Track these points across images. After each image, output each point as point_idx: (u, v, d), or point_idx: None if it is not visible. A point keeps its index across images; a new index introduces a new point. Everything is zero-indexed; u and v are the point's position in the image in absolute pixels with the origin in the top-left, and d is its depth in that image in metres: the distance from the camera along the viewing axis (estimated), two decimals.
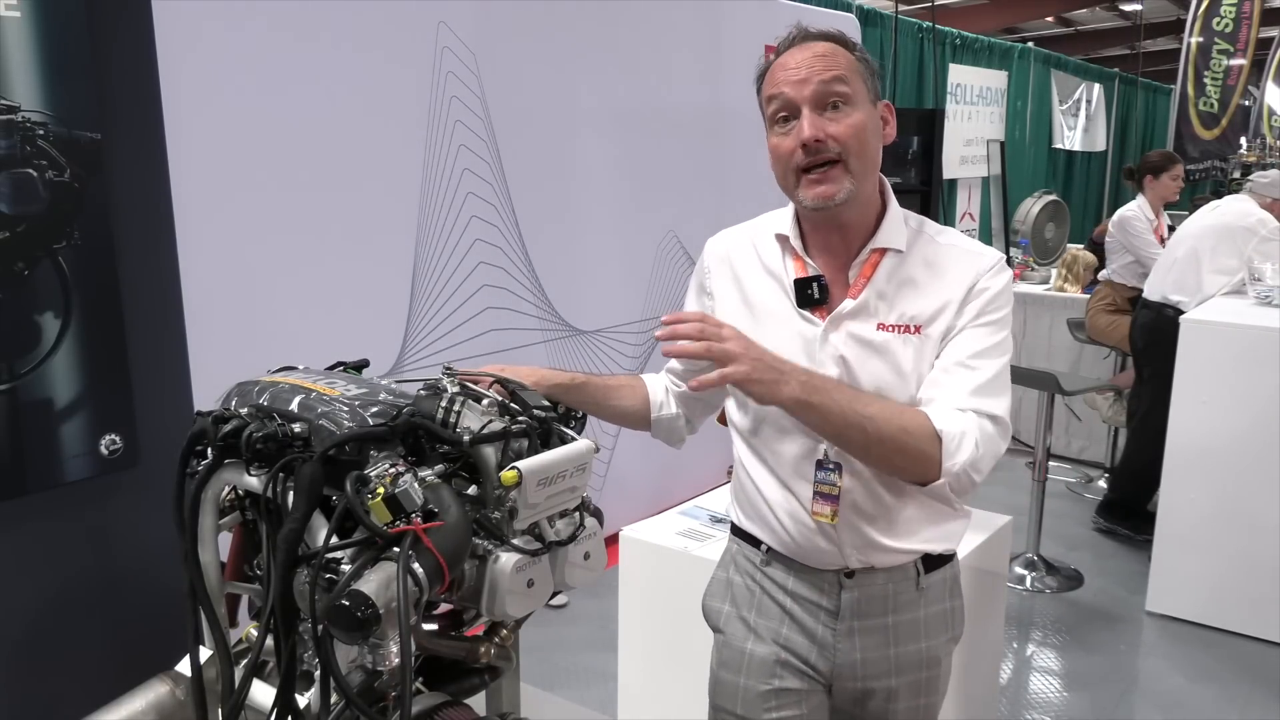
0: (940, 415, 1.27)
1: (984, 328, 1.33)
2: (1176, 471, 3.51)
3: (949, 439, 1.25)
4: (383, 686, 0.97)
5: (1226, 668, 3.24)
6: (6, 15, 1.62)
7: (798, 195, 1.33)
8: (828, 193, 1.29)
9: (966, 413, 1.28)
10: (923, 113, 5.50)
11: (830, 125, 1.28)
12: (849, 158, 1.29)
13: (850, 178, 1.30)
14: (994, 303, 1.33)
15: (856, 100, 1.30)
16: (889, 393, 1.33)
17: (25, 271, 1.68)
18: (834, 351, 1.35)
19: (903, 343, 1.33)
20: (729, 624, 1.53)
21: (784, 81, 1.30)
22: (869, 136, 1.31)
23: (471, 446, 1.03)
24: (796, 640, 1.45)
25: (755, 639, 1.48)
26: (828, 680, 1.46)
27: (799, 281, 1.38)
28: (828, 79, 1.28)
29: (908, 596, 1.44)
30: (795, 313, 1.38)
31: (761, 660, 1.46)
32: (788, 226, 1.41)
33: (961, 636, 1.52)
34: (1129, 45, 13.95)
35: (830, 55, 1.30)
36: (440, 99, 3.04)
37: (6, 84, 1.63)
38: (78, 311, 1.76)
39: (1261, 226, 3.98)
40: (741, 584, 1.52)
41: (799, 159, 1.30)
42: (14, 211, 1.65)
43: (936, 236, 1.39)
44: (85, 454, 1.78)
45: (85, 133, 1.73)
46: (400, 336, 3.01)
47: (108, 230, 1.79)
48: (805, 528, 1.40)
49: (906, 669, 1.45)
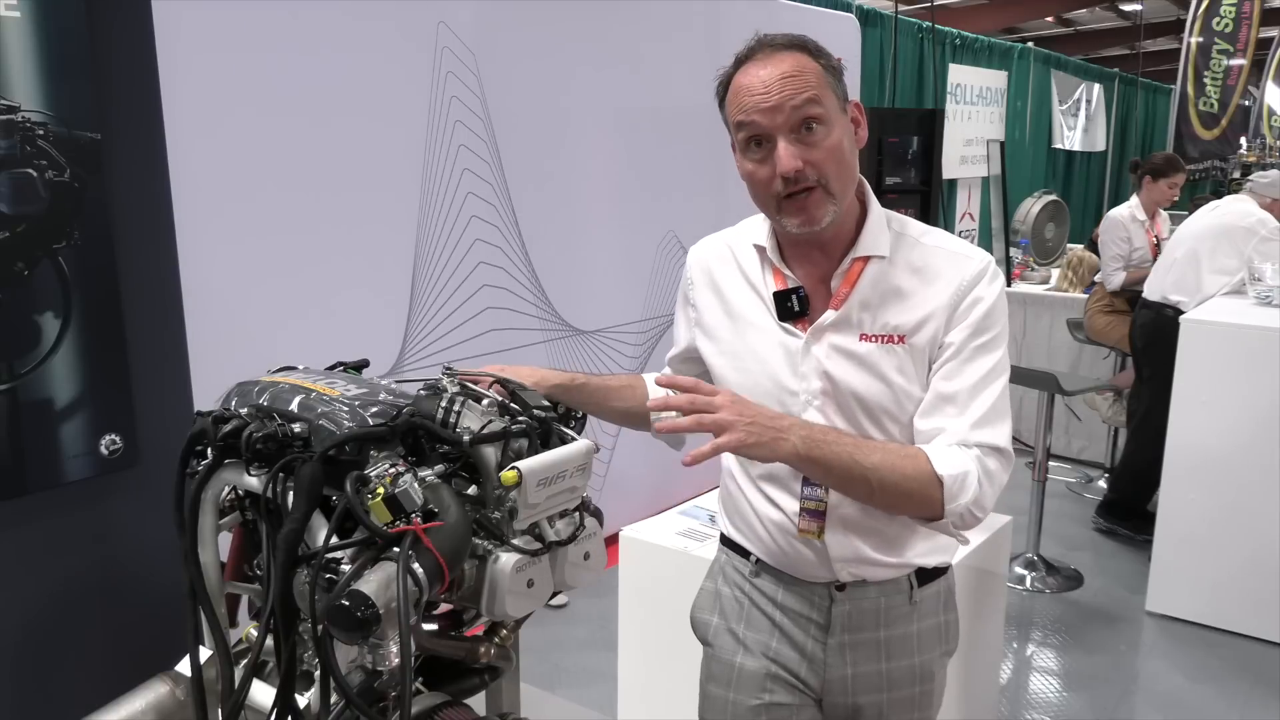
0: (940, 457, 1.24)
1: (980, 350, 1.28)
2: (1176, 471, 3.51)
3: (951, 481, 1.22)
4: (383, 686, 0.97)
5: (1226, 668, 3.24)
6: (6, 15, 1.62)
7: (780, 221, 1.29)
8: (812, 218, 1.25)
9: (969, 449, 1.25)
10: (923, 113, 5.50)
11: (808, 152, 1.23)
12: (829, 181, 1.25)
13: (832, 200, 1.26)
14: (988, 319, 1.29)
15: (830, 118, 1.25)
16: (874, 403, 1.30)
17: (25, 271, 1.68)
18: (816, 365, 1.32)
19: (887, 353, 1.30)
20: (717, 637, 1.50)
21: (753, 108, 1.24)
22: (846, 153, 1.27)
23: (471, 446, 1.03)
24: (786, 654, 1.43)
25: (744, 652, 1.45)
26: (818, 695, 1.43)
27: (778, 294, 1.34)
28: (800, 103, 1.22)
29: (900, 610, 1.41)
30: (777, 325, 1.35)
31: (751, 674, 1.44)
32: (764, 238, 1.37)
33: (956, 650, 1.50)
34: (1129, 45, 13.97)
35: (799, 74, 1.23)
36: (440, 99, 3.04)
37: (6, 84, 1.63)
38: (78, 311, 1.76)
39: (1261, 226, 3.98)
40: (730, 595, 1.50)
41: (778, 188, 1.25)
42: (14, 211, 1.65)
43: (921, 238, 1.34)
44: (85, 454, 1.78)
45: (85, 133, 1.73)
46: (400, 336, 3.01)
47: (108, 230, 1.79)
48: (794, 540, 1.38)
49: (899, 684, 1.42)
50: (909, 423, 1.32)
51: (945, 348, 1.29)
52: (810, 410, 1.33)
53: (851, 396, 1.31)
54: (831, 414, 1.33)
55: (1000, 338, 1.30)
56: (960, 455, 1.25)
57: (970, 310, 1.28)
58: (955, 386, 1.28)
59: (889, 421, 1.32)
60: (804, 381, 1.32)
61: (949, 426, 1.27)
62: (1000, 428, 1.27)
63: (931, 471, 1.23)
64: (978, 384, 1.27)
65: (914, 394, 1.31)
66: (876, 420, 1.32)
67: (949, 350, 1.29)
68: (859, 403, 1.31)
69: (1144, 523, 4.04)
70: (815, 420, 1.32)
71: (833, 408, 1.33)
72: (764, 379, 1.36)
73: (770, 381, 1.35)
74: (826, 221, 1.26)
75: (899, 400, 1.30)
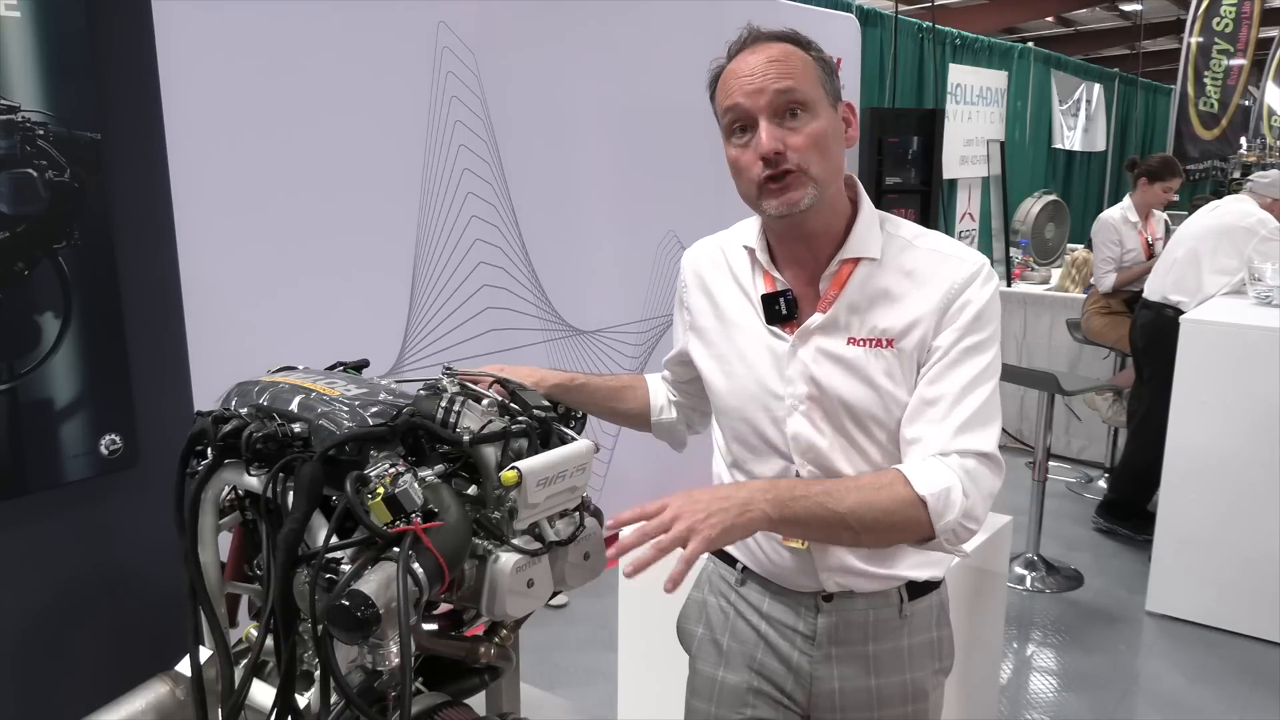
0: (919, 476, 1.19)
1: (968, 352, 1.24)
2: (1177, 472, 3.51)
3: (934, 500, 1.18)
4: (383, 686, 0.97)
5: (1226, 668, 3.24)
6: (6, 15, 1.62)
7: (761, 206, 1.27)
8: (792, 199, 1.23)
9: (949, 457, 1.21)
10: (923, 113, 5.49)
11: (789, 136, 1.22)
12: (809, 167, 1.23)
13: (813, 183, 1.24)
14: (979, 320, 1.25)
15: (815, 106, 1.24)
16: (862, 409, 1.28)
17: (25, 271, 1.68)
18: (802, 368, 1.30)
19: (874, 357, 1.27)
20: (701, 648, 1.48)
21: (738, 91, 1.24)
22: (830, 143, 1.25)
23: (471, 446, 1.03)
24: (771, 665, 1.40)
25: (727, 666, 1.43)
26: (805, 710, 1.41)
27: (766, 297, 1.33)
28: (783, 87, 1.22)
29: (890, 624, 1.38)
30: (765, 329, 1.33)
31: (733, 689, 1.42)
32: (754, 239, 1.36)
33: (952, 669, 1.46)
34: (1129, 45, 13.96)
35: (784, 60, 1.23)
36: (440, 99, 3.04)
37: (6, 84, 1.63)
38: (78, 311, 1.76)
39: (1261, 226, 3.98)
40: (715, 605, 1.48)
41: (759, 171, 1.23)
42: (14, 211, 1.65)
43: (915, 241, 1.31)
44: (85, 454, 1.78)
45: (85, 133, 1.73)
46: (400, 336, 3.01)
47: (108, 230, 1.79)
48: (779, 548, 1.36)
49: (890, 702, 1.38)
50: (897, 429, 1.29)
51: (934, 351, 1.26)
52: (796, 415, 1.31)
53: (839, 403, 1.29)
54: (818, 419, 1.31)
55: (991, 341, 1.26)
56: (939, 469, 1.20)
57: (960, 313, 1.25)
58: (939, 390, 1.24)
59: (877, 428, 1.29)
60: (790, 386, 1.31)
61: (928, 435, 1.23)
62: (986, 432, 1.23)
63: (911, 495, 1.18)
64: (965, 388, 1.24)
65: (901, 399, 1.28)
66: (864, 427, 1.30)
67: (937, 353, 1.26)
68: (846, 409, 1.29)
69: (1144, 523, 4.05)
70: (802, 427, 1.30)
71: (819, 413, 1.30)
72: (750, 383, 1.34)
73: (756, 385, 1.34)
74: (806, 204, 1.23)
75: (886, 406, 1.27)
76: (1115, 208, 4.80)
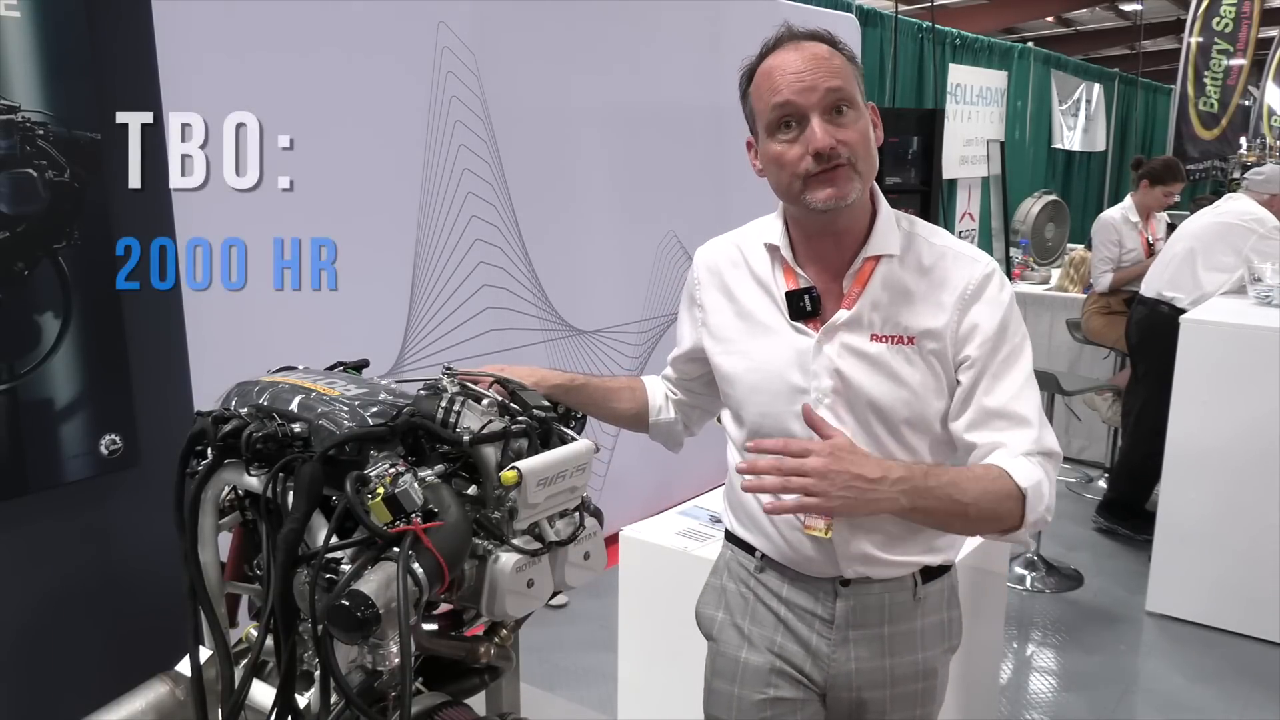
0: (1018, 470, 1.26)
1: (1011, 359, 1.30)
2: (1176, 471, 3.51)
3: (1031, 493, 1.25)
4: (383, 686, 0.97)
5: (1226, 668, 3.24)
6: (6, 15, 1.62)
7: (804, 199, 1.28)
8: (839, 194, 1.26)
9: (1034, 457, 1.27)
10: (922, 113, 5.50)
11: (839, 131, 1.25)
12: (857, 161, 1.27)
13: (859, 178, 1.28)
14: (1009, 327, 1.31)
15: (858, 104, 1.28)
16: (889, 410, 1.32)
17: (25, 271, 1.68)
18: (828, 364, 1.33)
19: (896, 353, 1.31)
20: (723, 631, 1.50)
21: (787, 88, 1.26)
22: (871, 141, 1.30)
23: (471, 446, 1.03)
24: (791, 649, 1.43)
25: (749, 647, 1.46)
26: (822, 690, 1.44)
27: (790, 294, 1.35)
28: (834, 85, 1.25)
29: (904, 607, 1.42)
30: (788, 325, 1.36)
31: (756, 669, 1.45)
32: (777, 236, 1.38)
33: (959, 646, 1.51)
34: (1129, 45, 13.97)
35: (830, 58, 1.27)
36: (440, 99, 3.04)
37: (6, 84, 1.63)
38: (78, 311, 1.75)
39: (1260, 225, 3.98)
40: (735, 591, 1.50)
41: (808, 165, 1.26)
42: (14, 211, 1.65)
43: (930, 238, 1.36)
44: (85, 454, 1.78)
45: (85, 133, 1.73)
46: (400, 336, 3.01)
47: (108, 230, 1.79)
48: (800, 536, 1.38)
49: (902, 680, 1.43)
50: (927, 429, 1.33)
51: (969, 362, 1.30)
52: (821, 409, 1.33)
53: (866, 402, 1.32)
54: (842, 413, 1.33)
55: (1024, 340, 1.33)
56: (1029, 465, 1.27)
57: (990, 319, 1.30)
58: (999, 401, 1.29)
59: (899, 421, 1.32)
60: (815, 380, 1.33)
61: (1011, 440, 1.28)
62: (1049, 430, 1.31)
63: (1014, 488, 1.24)
64: (1019, 393, 1.30)
65: (921, 394, 1.31)
66: (885, 420, 1.33)
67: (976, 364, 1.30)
68: (874, 410, 1.32)
69: (1143, 522, 4.04)
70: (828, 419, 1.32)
71: (844, 406, 1.33)
72: (775, 378, 1.36)
73: (780, 381, 1.36)
74: (852, 198, 1.28)
75: (908, 400, 1.31)
76: (1115, 208, 4.80)
